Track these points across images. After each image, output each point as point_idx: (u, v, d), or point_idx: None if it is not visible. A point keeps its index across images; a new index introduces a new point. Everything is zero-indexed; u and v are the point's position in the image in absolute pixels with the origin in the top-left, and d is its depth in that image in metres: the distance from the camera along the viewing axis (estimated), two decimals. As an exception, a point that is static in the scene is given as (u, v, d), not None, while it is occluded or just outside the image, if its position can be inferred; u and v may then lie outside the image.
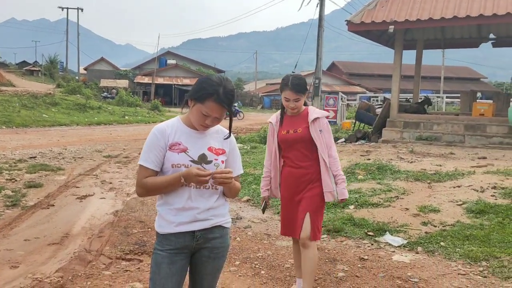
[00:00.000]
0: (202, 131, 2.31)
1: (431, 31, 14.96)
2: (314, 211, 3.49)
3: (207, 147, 2.31)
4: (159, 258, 2.29)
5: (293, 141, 3.52)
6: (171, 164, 2.25)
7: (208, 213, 2.30)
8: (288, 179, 3.58)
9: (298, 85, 3.42)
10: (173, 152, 2.26)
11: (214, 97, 2.19)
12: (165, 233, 2.28)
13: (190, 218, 2.27)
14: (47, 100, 25.43)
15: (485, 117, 12.23)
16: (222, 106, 2.21)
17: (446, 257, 4.53)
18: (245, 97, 58.12)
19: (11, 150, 11.73)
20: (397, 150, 10.73)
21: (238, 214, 6.22)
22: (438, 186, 7.08)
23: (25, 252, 4.69)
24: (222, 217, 2.37)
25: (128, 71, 60.98)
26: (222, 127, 2.47)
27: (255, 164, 9.62)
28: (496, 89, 61.09)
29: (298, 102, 3.46)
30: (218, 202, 2.36)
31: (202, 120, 2.24)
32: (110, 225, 5.72)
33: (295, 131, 3.51)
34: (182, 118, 2.37)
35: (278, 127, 3.61)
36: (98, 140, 15.50)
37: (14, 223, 5.69)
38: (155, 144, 2.26)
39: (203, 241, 2.31)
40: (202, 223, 2.29)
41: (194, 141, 2.30)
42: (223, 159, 2.34)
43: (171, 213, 2.28)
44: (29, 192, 7.35)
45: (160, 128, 2.30)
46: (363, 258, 4.52)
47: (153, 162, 2.25)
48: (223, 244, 2.38)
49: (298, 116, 3.56)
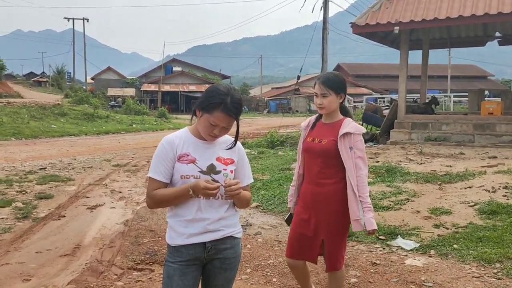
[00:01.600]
0: (211, 141, 2.30)
1: (436, 30, 14.90)
2: (336, 239, 3.08)
3: (216, 157, 2.31)
4: (171, 271, 2.28)
5: (316, 153, 3.06)
6: (180, 175, 2.25)
7: (218, 223, 2.29)
8: (306, 196, 3.15)
9: (328, 79, 3.00)
10: (181, 163, 2.26)
11: (221, 107, 2.18)
12: (176, 245, 2.28)
13: (200, 229, 2.26)
14: (55, 111, 25.64)
15: (494, 115, 12.13)
16: (229, 116, 2.21)
17: (460, 260, 4.48)
18: (251, 102, 58.22)
19: (21, 162, 11.82)
20: (406, 152, 10.67)
21: (247, 221, 6.20)
22: (449, 187, 7.03)
23: (37, 265, 4.70)
24: (233, 227, 2.36)
25: (134, 79, 61.35)
26: (231, 137, 2.46)
27: (263, 169, 9.61)
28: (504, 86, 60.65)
29: (325, 99, 2.99)
30: (229, 212, 2.35)
31: (210, 130, 2.23)
32: (121, 235, 5.73)
33: (320, 141, 3.05)
34: (190, 129, 2.37)
35: (308, 132, 3.18)
36: (107, 149, 15.58)
37: (25, 235, 5.72)
38: (163, 156, 2.27)
39: (214, 252, 2.30)
40: (213, 234, 2.28)
41: (203, 152, 2.30)
42: (232, 168, 2.34)
43: (181, 224, 2.27)
44: (40, 203, 7.38)
45: (168, 139, 2.31)
46: (376, 263, 4.49)
47: (162, 174, 2.26)
48: (234, 255, 2.36)
49: (331, 125, 3.07)
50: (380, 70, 64.37)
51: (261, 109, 55.06)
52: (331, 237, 3.06)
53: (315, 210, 3.07)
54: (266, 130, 21.39)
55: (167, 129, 27.28)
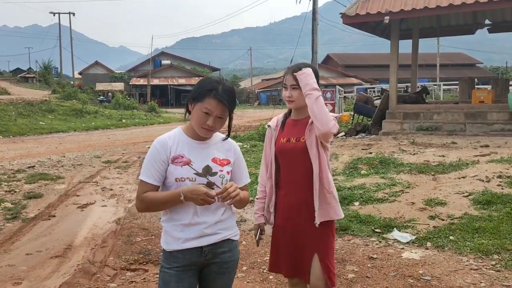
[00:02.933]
0: (205, 135, 2.21)
1: (426, 19, 14.86)
2: (325, 251, 2.63)
3: (211, 158, 2.23)
4: (167, 277, 2.20)
5: (293, 154, 2.62)
6: (175, 178, 2.16)
7: (215, 227, 2.22)
8: (285, 206, 2.68)
9: (299, 69, 2.57)
10: (176, 165, 2.17)
11: (213, 93, 2.13)
12: (172, 250, 2.20)
13: (197, 233, 2.19)
14: (43, 107, 25.30)
15: (485, 104, 12.15)
16: (222, 103, 2.14)
17: (457, 252, 4.45)
18: (242, 94, 58.00)
19: (9, 160, 11.62)
20: (398, 142, 10.64)
21: (242, 216, 6.13)
22: (442, 177, 7.00)
23: (28, 267, 4.59)
24: (230, 230, 2.30)
25: (123, 73, 60.78)
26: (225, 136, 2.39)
27: (256, 163, 9.52)
28: (492, 74, 61.04)
29: (295, 91, 2.58)
30: (226, 214, 2.28)
31: (203, 121, 2.14)
32: (113, 234, 5.63)
33: (297, 140, 2.62)
34: (184, 129, 2.28)
35: (278, 132, 2.73)
36: (97, 145, 15.40)
37: (15, 236, 5.60)
38: (156, 158, 2.18)
39: (211, 257, 2.23)
40: (210, 237, 2.21)
41: (198, 153, 2.21)
42: (228, 169, 2.26)
43: (177, 229, 2.19)
44: (29, 203, 7.25)
45: (161, 140, 2.22)
46: (372, 257, 4.44)
47: (153, 177, 2.17)
48: (232, 258, 2.30)
49: (303, 121, 2.64)
50: (369, 60, 64.40)
51: (252, 101, 54.92)
52: (323, 249, 2.63)
53: (300, 221, 2.62)
54: (257, 122, 21.30)
55: (157, 124, 27.07)
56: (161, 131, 12.10)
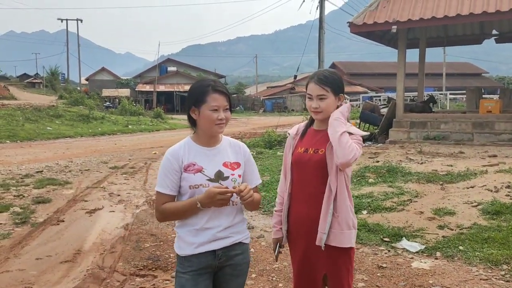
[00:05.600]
0: (220, 132, 2.29)
1: (433, 29, 14.90)
2: (341, 273, 2.46)
3: (222, 163, 2.30)
4: (183, 281, 2.26)
5: (310, 166, 2.46)
6: (189, 186, 2.23)
7: (228, 231, 2.29)
8: (300, 222, 2.51)
9: (325, 77, 2.43)
10: (189, 173, 2.24)
11: (211, 88, 2.22)
12: (186, 255, 2.26)
13: (210, 237, 2.25)
14: (50, 113, 25.44)
15: (492, 114, 12.13)
16: (222, 93, 2.23)
17: (466, 262, 4.43)
18: (247, 101, 58.13)
19: (17, 165, 11.69)
20: (406, 151, 10.63)
21: (249, 223, 6.13)
22: (451, 187, 6.99)
23: (38, 272, 4.61)
24: (242, 234, 2.36)
25: (129, 79, 61.12)
26: (235, 140, 2.46)
27: (263, 170, 9.54)
28: (498, 84, 60.91)
29: (323, 102, 2.43)
30: (237, 218, 2.34)
31: (214, 118, 2.21)
32: (122, 240, 5.65)
33: (315, 151, 2.46)
34: (193, 137, 2.36)
35: (297, 141, 2.59)
36: (103, 151, 15.46)
37: (24, 241, 5.63)
38: (169, 168, 2.25)
39: (225, 259, 2.29)
40: (223, 241, 2.27)
41: (209, 159, 2.29)
42: (239, 173, 2.33)
43: (190, 234, 2.25)
44: (38, 208, 7.28)
45: (172, 151, 2.29)
46: (382, 266, 4.43)
47: (169, 187, 2.25)
48: (245, 260, 2.37)
49: (325, 132, 2.45)
50: (374, 68, 64.51)
51: (257, 108, 54.99)
52: (333, 269, 2.46)
53: (313, 237, 2.44)
54: (262, 129, 21.31)
55: (163, 130, 27.15)
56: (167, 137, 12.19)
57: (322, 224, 2.39)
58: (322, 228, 2.39)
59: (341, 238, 2.40)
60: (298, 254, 2.54)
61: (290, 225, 2.57)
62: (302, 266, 2.53)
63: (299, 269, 2.54)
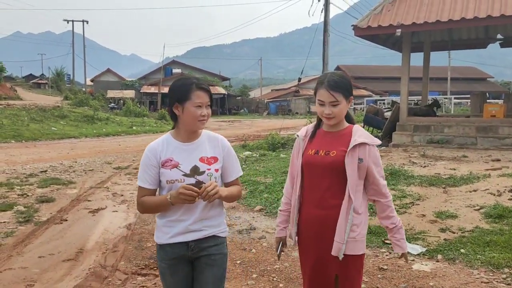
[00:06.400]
0: (202, 127, 2.39)
1: (438, 33, 14.87)
2: (352, 275, 2.47)
3: (199, 158, 2.38)
4: (161, 270, 2.45)
5: (321, 168, 2.45)
6: (166, 181, 2.35)
7: (201, 223, 2.39)
8: (310, 224, 2.51)
9: (336, 83, 2.44)
10: (165, 169, 2.36)
11: (194, 86, 2.32)
12: (161, 243, 2.41)
13: (183, 229, 2.36)
14: (55, 113, 25.57)
15: (496, 118, 12.10)
16: (205, 90, 2.34)
17: (468, 265, 4.43)
18: (251, 104, 58.19)
19: (22, 165, 11.76)
20: (409, 154, 10.62)
21: (251, 225, 6.15)
22: (453, 190, 6.98)
23: (40, 270, 4.65)
24: (217, 227, 2.44)
25: (134, 81, 61.29)
26: (214, 133, 2.53)
27: (265, 172, 9.56)
28: (503, 88, 60.69)
29: (336, 108, 2.43)
30: (213, 212, 2.42)
31: (197, 114, 2.31)
32: (124, 239, 5.68)
33: (326, 153, 2.46)
34: (172, 133, 2.46)
35: (306, 143, 2.58)
36: (107, 151, 15.52)
37: (27, 239, 5.67)
38: (147, 164, 2.38)
39: (198, 250, 2.39)
40: (195, 233, 2.38)
41: (186, 154, 2.38)
42: (216, 167, 2.41)
43: (166, 224, 2.39)
44: (42, 207, 7.33)
45: (151, 147, 2.41)
46: (383, 268, 4.44)
47: (147, 181, 2.38)
48: (219, 251, 2.44)
49: (336, 134, 2.51)
50: (379, 72, 64.39)
51: (261, 111, 55.02)
52: (345, 273, 2.45)
53: (324, 239, 2.44)
54: (266, 132, 21.32)
55: (167, 131, 27.13)
56: (173, 138, 11.83)
57: (340, 234, 2.39)
58: (339, 238, 2.38)
59: (356, 246, 2.43)
60: (309, 257, 2.52)
61: (300, 227, 2.56)
62: (314, 268, 2.51)
63: (311, 272, 2.53)
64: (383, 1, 12.42)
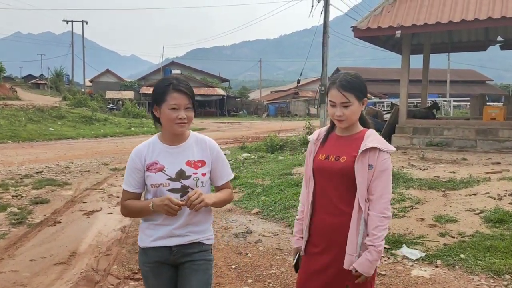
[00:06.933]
0: (181, 132, 2.26)
1: (438, 35, 14.81)
2: (364, 285, 2.30)
3: (185, 162, 2.29)
4: (144, 273, 2.37)
5: (330, 173, 2.32)
6: (151, 184, 2.27)
7: (185, 229, 2.30)
8: (320, 230, 2.36)
9: (348, 83, 2.29)
10: (150, 173, 2.27)
11: (171, 87, 2.20)
12: (144, 247, 2.34)
13: (166, 233, 2.28)
14: (53, 113, 25.48)
15: (496, 121, 12.02)
16: (183, 92, 2.20)
17: (468, 271, 4.34)
18: (250, 105, 58.12)
19: (18, 165, 11.65)
20: (408, 157, 10.54)
21: (248, 228, 6.05)
22: (453, 194, 6.89)
23: (31, 274, 4.54)
24: (202, 234, 2.35)
25: (133, 82, 61.22)
26: (202, 135, 2.42)
27: (263, 174, 9.46)
28: (502, 91, 60.68)
29: (347, 109, 2.28)
30: (199, 217, 2.33)
31: (173, 116, 2.20)
32: (118, 242, 5.58)
33: (336, 159, 2.32)
34: (159, 136, 2.37)
35: (318, 147, 2.44)
36: (105, 152, 15.42)
37: (19, 242, 5.56)
38: (132, 167, 2.31)
39: (181, 256, 2.31)
40: (179, 239, 2.29)
41: (172, 158, 2.29)
42: (204, 171, 2.31)
43: (149, 227, 2.32)
44: (36, 208, 7.23)
45: (136, 150, 2.34)
46: (381, 274, 4.34)
47: (132, 185, 2.31)
48: (204, 257, 2.35)
49: (349, 138, 2.36)
50: (378, 74, 64.34)
51: (260, 112, 54.96)
52: (357, 285, 2.28)
53: (335, 248, 2.31)
54: (265, 134, 21.24)
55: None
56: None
57: (351, 246, 2.23)
58: (351, 250, 2.23)
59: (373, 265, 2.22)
60: (318, 265, 2.35)
61: (311, 235, 2.41)
62: (324, 277, 2.35)
63: (320, 282, 2.36)
64: (383, 2, 12.35)
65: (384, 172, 2.23)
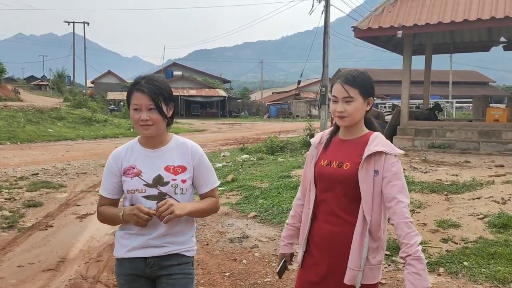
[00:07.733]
0: (147, 134, 2.09)
1: (440, 35, 14.61)
2: None
3: (164, 167, 2.11)
4: (120, 286, 2.21)
5: (333, 181, 2.15)
6: (127, 190, 2.11)
7: (163, 239, 2.11)
8: (320, 240, 2.20)
9: (353, 77, 2.13)
10: (127, 177, 2.11)
11: (135, 87, 2.07)
12: (119, 257, 2.18)
13: (141, 243, 2.11)
14: (52, 115, 25.33)
15: (499, 122, 11.81)
16: (145, 94, 2.03)
17: (471, 279, 4.16)
18: (252, 106, 57.98)
19: (13, 167, 11.50)
20: (410, 159, 10.34)
21: (244, 232, 5.88)
22: (456, 198, 6.69)
23: (17, 280, 4.38)
24: (181, 245, 2.16)
25: (134, 83, 61.07)
26: (184, 139, 2.24)
27: (262, 176, 9.28)
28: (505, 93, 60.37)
29: (349, 105, 2.11)
30: (179, 227, 2.14)
31: (135, 118, 2.06)
32: (109, 248, 5.40)
33: (339, 165, 2.14)
34: (140, 138, 2.21)
35: (320, 152, 2.27)
36: (103, 154, 15.25)
37: (8, 247, 5.40)
38: (108, 171, 2.17)
39: (157, 268, 2.12)
40: (155, 250, 2.11)
41: (151, 162, 2.12)
42: (184, 177, 2.12)
43: (124, 236, 2.16)
44: (28, 212, 7.07)
45: (114, 152, 2.21)
46: (381, 282, 4.16)
47: (107, 190, 2.17)
48: (183, 271, 2.15)
49: (353, 142, 2.18)
50: (380, 75, 64.04)
51: (262, 113, 54.81)
52: None
53: (335, 259, 2.14)
54: (266, 135, 21.05)
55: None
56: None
57: (354, 260, 2.05)
58: (354, 264, 2.05)
59: (371, 274, 2.09)
60: (319, 274, 2.19)
61: (311, 245, 2.24)
62: None
63: None
64: (384, 2, 12.16)
65: (395, 176, 2.03)
